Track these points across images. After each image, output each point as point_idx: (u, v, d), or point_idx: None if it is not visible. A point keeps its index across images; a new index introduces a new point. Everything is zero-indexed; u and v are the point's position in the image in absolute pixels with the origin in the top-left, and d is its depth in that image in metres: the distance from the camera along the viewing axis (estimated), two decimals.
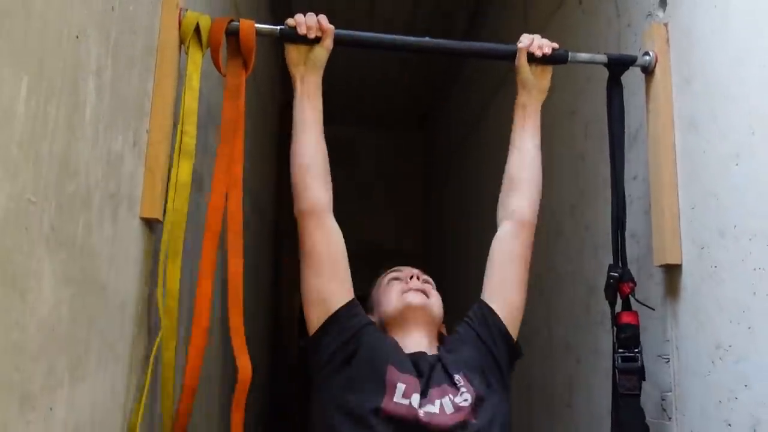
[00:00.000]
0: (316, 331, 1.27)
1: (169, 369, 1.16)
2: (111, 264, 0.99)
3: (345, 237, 1.31)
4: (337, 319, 1.26)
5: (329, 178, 1.32)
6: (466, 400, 1.22)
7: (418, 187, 5.36)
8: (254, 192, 2.77)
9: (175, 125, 1.21)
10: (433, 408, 1.20)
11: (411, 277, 1.39)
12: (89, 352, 0.91)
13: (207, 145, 1.52)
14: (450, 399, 1.22)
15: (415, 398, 1.20)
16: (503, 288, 1.36)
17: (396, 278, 1.42)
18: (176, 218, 1.18)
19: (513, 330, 1.34)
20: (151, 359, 1.11)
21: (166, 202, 1.17)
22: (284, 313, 3.54)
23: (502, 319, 1.33)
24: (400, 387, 1.21)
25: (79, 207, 0.86)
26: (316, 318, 1.27)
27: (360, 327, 1.27)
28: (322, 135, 1.34)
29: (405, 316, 1.33)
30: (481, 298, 1.37)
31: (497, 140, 3.02)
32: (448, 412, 1.20)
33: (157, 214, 1.14)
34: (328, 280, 1.27)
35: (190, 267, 1.30)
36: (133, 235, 1.10)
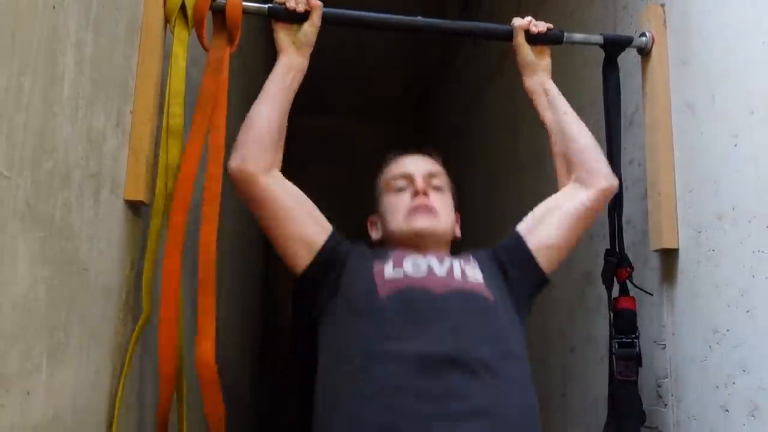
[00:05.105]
0: (305, 271, 1.20)
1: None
2: (93, 246, 0.96)
3: (336, 230, 1.26)
4: (323, 255, 1.20)
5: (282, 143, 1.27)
6: (477, 277, 1.19)
7: None
8: None
9: (161, 107, 1.18)
10: (440, 269, 1.17)
11: (416, 193, 1.25)
12: (70, 336, 0.88)
13: None
14: (460, 266, 1.19)
15: (409, 263, 1.18)
16: (545, 230, 1.25)
17: (401, 189, 1.29)
18: (170, 202, 1.14)
19: (545, 262, 1.25)
20: (131, 345, 1.08)
21: (154, 185, 1.14)
22: (277, 293, 3.50)
23: (532, 250, 1.25)
24: (388, 265, 1.18)
25: (57, 185, 0.83)
26: (300, 259, 1.21)
27: (344, 257, 1.22)
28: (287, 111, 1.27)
29: (412, 240, 1.24)
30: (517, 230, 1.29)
31: (491, 129, 2.99)
32: (456, 275, 1.16)
33: (141, 197, 1.11)
34: (304, 223, 1.21)
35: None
36: (117, 218, 1.07)
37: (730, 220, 1.13)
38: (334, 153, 5.09)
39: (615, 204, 1.37)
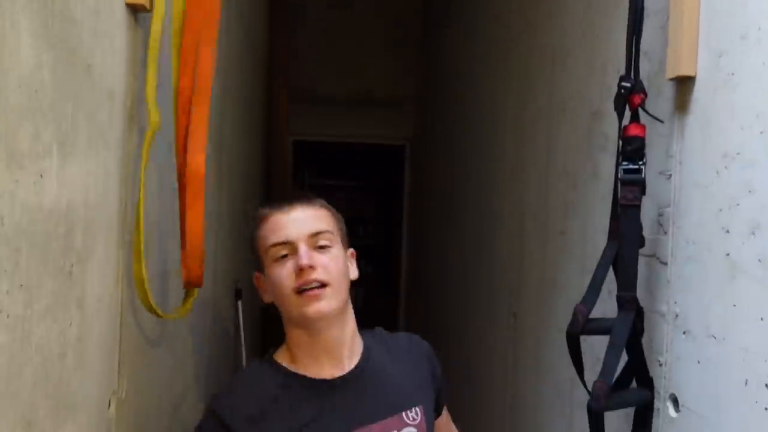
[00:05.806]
0: None
1: None
2: (96, 42, 0.92)
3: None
4: None
5: None
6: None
7: (417, 28, 5.13)
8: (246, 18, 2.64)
9: None
10: None
11: (302, 270, 1.15)
12: (78, 131, 0.87)
13: None
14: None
15: None
16: None
17: (284, 256, 1.18)
18: (175, 10, 1.13)
19: None
20: (144, 153, 1.08)
21: None
22: (275, 149, 3.49)
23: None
24: None
25: None
26: None
27: None
28: None
29: (306, 323, 1.19)
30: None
31: None
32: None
33: (143, 0, 1.07)
34: None
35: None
36: (118, 21, 1.03)
37: (754, 40, 1.09)
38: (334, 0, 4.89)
39: (634, 26, 1.31)
